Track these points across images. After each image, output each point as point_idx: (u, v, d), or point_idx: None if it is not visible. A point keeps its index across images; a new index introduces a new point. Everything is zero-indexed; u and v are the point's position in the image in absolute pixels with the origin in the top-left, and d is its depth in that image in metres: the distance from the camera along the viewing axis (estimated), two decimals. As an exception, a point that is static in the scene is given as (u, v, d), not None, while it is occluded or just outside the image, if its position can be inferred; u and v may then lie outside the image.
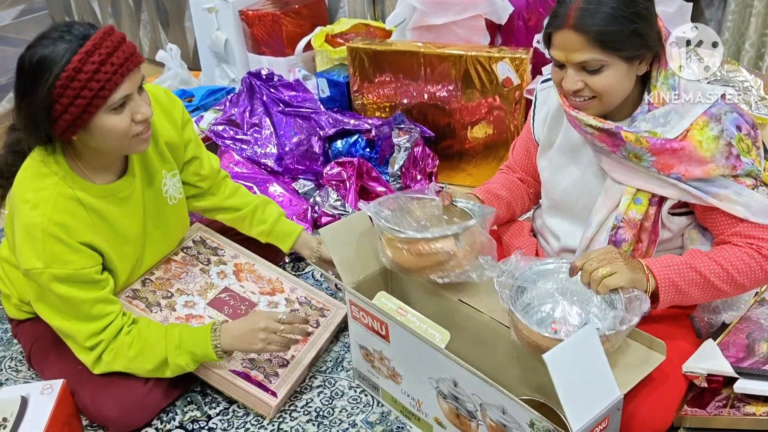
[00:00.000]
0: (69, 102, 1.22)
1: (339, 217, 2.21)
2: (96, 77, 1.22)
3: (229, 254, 1.76)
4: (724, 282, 1.25)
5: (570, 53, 1.22)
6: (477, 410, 1.22)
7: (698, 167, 1.23)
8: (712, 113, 1.24)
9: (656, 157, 1.25)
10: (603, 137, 1.29)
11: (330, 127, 2.44)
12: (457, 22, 2.45)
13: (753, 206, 1.24)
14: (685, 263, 1.26)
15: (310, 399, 1.57)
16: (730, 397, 1.25)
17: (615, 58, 1.20)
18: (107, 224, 1.41)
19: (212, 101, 2.88)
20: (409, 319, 1.29)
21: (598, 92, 1.24)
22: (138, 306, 1.55)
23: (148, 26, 4.12)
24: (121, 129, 1.29)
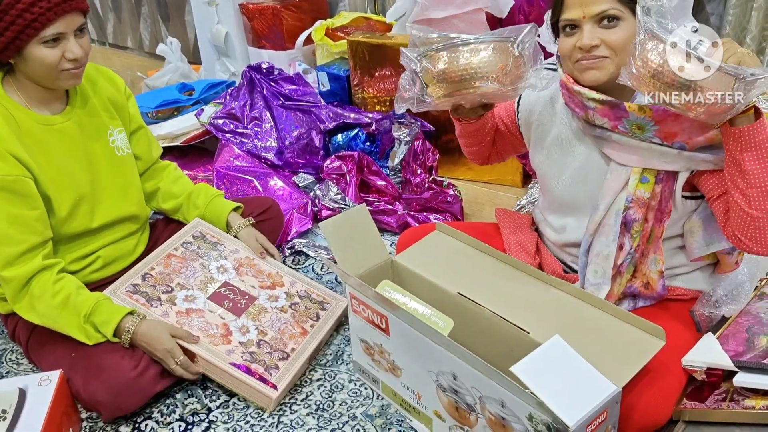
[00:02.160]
0: (4, 27, 1.36)
1: (339, 211, 2.22)
2: (31, 9, 1.36)
3: (229, 249, 1.76)
4: None
5: (587, 6, 1.23)
6: (476, 403, 1.23)
7: (701, 133, 1.23)
8: None
9: (659, 126, 1.24)
10: (605, 110, 1.28)
11: (330, 121, 2.44)
12: (457, 15, 2.44)
13: None
14: None
15: (310, 392, 1.57)
16: (730, 391, 1.25)
17: (629, 13, 1.22)
18: (40, 148, 1.49)
19: (212, 95, 2.87)
20: (412, 307, 1.30)
21: (614, 47, 1.24)
22: (138, 300, 1.55)
23: (148, 20, 4.12)
24: (50, 62, 1.42)
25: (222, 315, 1.60)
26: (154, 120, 2.71)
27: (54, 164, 1.51)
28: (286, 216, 2.13)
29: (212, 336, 1.54)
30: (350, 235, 1.53)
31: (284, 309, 1.67)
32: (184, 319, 1.55)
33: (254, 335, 1.58)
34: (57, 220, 1.53)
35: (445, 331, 1.23)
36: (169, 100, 2.78)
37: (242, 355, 1.52)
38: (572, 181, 1.43)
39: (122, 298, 1.55)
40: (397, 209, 2.22)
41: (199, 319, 1.57)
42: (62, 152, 1.53)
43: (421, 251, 1.56)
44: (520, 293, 1.39)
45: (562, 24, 1.28)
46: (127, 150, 1.69)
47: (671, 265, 1.40)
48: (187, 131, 2.60)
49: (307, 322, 1.66)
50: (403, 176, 2.31)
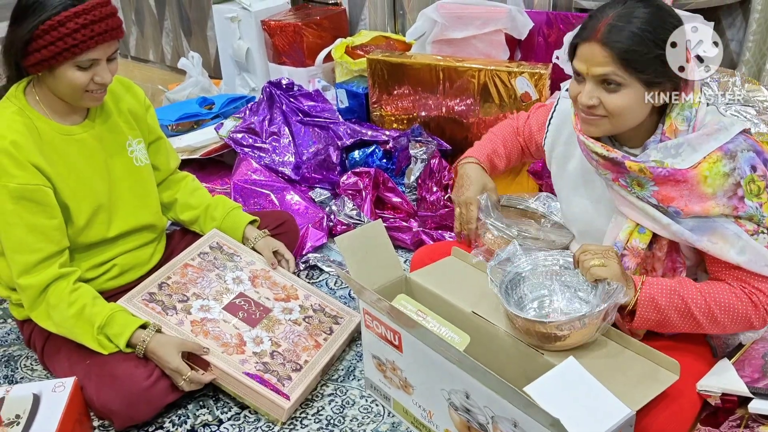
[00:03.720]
0: (44, 45, 1.39)
1: (354, 226, 2.22)
2: (74, 35, 1.39)
3: (245, 260, 1.77)
4: (704, 316, 1.24)
5: (592, 66, 1.21)
6: (488, 423, 1.22)
7: (698, 203, 1.22)
8: (728, 149, 1.21)
9: (659, 187, 1.24)
10: (607, 165, 1.28)
11: (348, 138, 2.45)
12: (477, 36, 2.46)
13: (748, 254, 1.21)
14: (672, 287, 1.24)
15: (321, 407, 1.57)
16: (744, 417, 1.24)
17: (634, 80, 1.20)
18: (60, 157, 1.52)
19: (232, 109, 2.90)
20: (428, 321, 1.29)
21: (611, 112, 1.23)
22: (154, 309, 1.56)
23: (170, 34, 4.18)
24: (79, 84, 1.45)
25: (236, 325, 1.60)
26: (174, 132, 2.74)
27: (73, 174, 1.54)
28: (302, 230, 2.14)
29: (226, 345, 1.54)
30: (365, 251, 1.53)
31: (298, 321, 1.67)
32: (198, 327, 1.56)
33: (268, 346, 1.58)
34: (74, 228, 1.55)
35: (461, 346, 1.23)
36: (189, 114, 2.81)
37: (255, 365, 1.53)
38: (585, 214, 1.44)
39: (138, 306, 1.56)
40: (412, 226, 2.22)
41: (214, 328, 1.57)
42: (81, 162, 1.56)
43: (436, 271, 1.56)
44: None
45: (573, 69, 1.28)
46: (145, 160, 1.71)
47: None
48: (206, 144, 2.63)
49: (321, 335, 1.67)
50: (419, 194, 2.32)
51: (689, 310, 1.24)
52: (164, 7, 4.10)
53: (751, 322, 1.25)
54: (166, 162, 1.82)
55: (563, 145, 1.48)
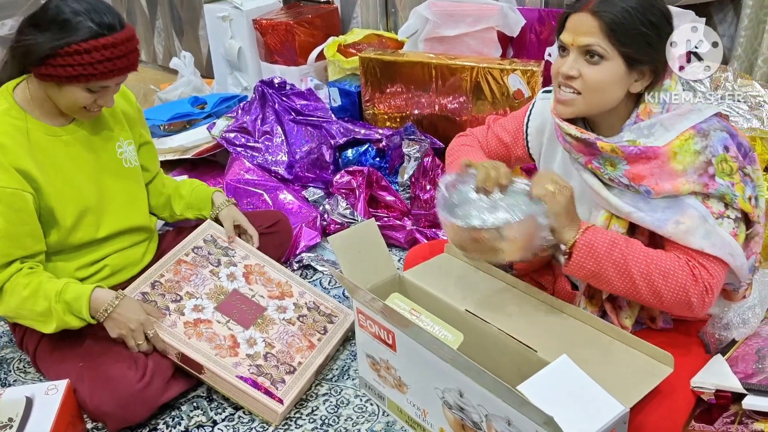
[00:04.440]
0: (63, 65, 1.39)
1: (348, 225, 2.22)
2: (94, 66, 1.40)
3: (240, 255, 1.76)
4: (642, 278, 1.21)
5: (578, 35, 1.23)
6: (482, 421, 1.22)
7: (668, 181, 1.22)
8: (701, 128, 1.22)
9: (630, 166, 1.25)
10: (580, 147, 1.29)
11: (341, 136, 2.45)
12: (469, 33, 2.46)
13: (713, 239, 1.20)
14: (615, 240, 1.23)
15: (316, 407, 1.57)
16: (738, 414, 1.24)
17: (617, 54, 1.21)
18: (47, 157, 1.51)
19: (224, 109, 2.89)
20: (422, 320, 1.29)
21: (588, 86, 1.24)
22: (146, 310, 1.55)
23: (162, 33, 4.16)
24: (83, 103, 1.47)
25: (230, 326, 1.60)
26: (166, 132, 2.73)
27: (60, 175, 1.53)
28: (295, 230, 2.14)
29: (219, 347, 1.54)
30: (358, 250, 1.53)
31: (292, 321, 1.67)
32: (191, 329, 1.55)
33: (261, 348, 1.58)
34: (62, 230, 1.54)
35: (454, 344, 1.23)
36: (181, 113, 2.80)
37: (249, 368, 1.52)
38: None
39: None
40: (406, 225, 2.22)
41: (207, 329, 1.57)
42: (69, 163, 1.55)
43: (429, 269, 1.56)
44: (528, 314, 1.38)
45: (558, 44, 1.29)
46: (135, 162, 1.70)
47: None
48: (198, 144, 2.62)
49: (315, 335, 1.66)
50: (412, 192, 2.32)
51: (627, 267, 1.22)
52: (156, 7, 4.08)
53: (689, 296, 1.20)
54: (155, 164, 1.82)
55: (546, 143, 1.48)
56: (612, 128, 1.30)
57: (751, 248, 1.28)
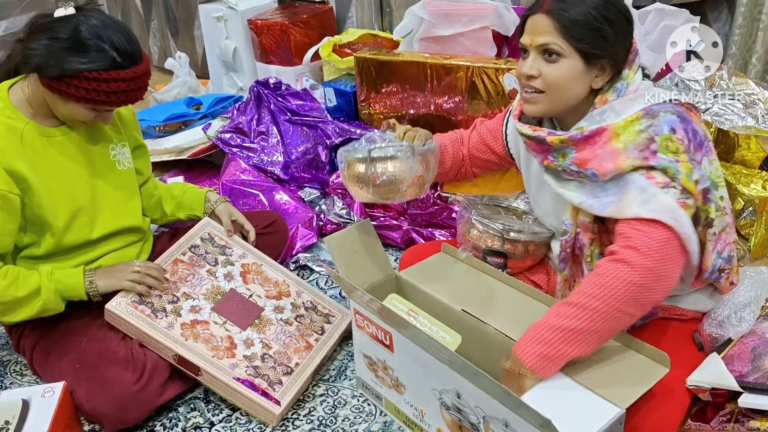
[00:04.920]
0: (76, 85, 1.39)
1: (344, 226, 2.22)
2: (105, 93, 1.41)
3: (237, 254, 1.76)
4: (592, 320, 1.15)
5: (536, 36, 1.25)
6: (480, 422, 1.22)
7: (610, 160, 1.22)
8: (651, 109, 1.23)
9: (577, 152, 1.26)
10: (533, 145, 1.33)
11: (336, 136, 2.45)
12: (464, 33, 2.46)
13: (652, 204, 1.17)
14: (547, 326, 1.18)
15: (313, 407, 1.57)
16: (735, 412, 1.24)
17: (573, 51, 1.23)
18: (40, 158, 1.51)
19: (220, 109, 2.89)
20: (420, 321, 1.29)
21: (548, 84, 1.26)
22: (143, 312, 1.55)
23: (157, 34, 4.15)
24: (82, 118, 1.48)
25: (227, 327, 1.60)
26: (162, 133, 2.73)
27: (54, 176, 1.52)
28: (291, 230, 2.14)
29: (217, 348, 1.54)
30: (354, 250, 1.53)
31: (289, 321, 1.67)
32: (188, 330, 1.55)
33: (258, 349, 1.58)
34: (55, 231, 1.53)
35: (452, 346, 1.23)
36: (176, 114, 2.80)
37: (246, 370, 1.52)
38: (549, 210, 1.46)
39: (127, 310, 1.54)
40: (402, 225, 2.22)
41: (204, 331, 1.56)
42: (62, 164, 1.55)
43: (426, 269, 1.56)
44: (525, 313, 1.38)
45: (520, 47, 1.31)
46: (128, 164, 1.70)
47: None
48: (194, 145, 2.61)
49: (312, 335, 1.66)
50: (409, 192, 2.31)
51: (576, 331, 1.16)
52: (151, 7, 4.07)
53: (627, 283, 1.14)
54: (148, 167, 1.83)
55: (524, 144, 1.49)
56: (573, 123, 1.32)
57: (724, 239, 1.29)
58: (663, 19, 2.24)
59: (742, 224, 2.09)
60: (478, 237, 1.60)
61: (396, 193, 1.39)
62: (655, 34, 2.24)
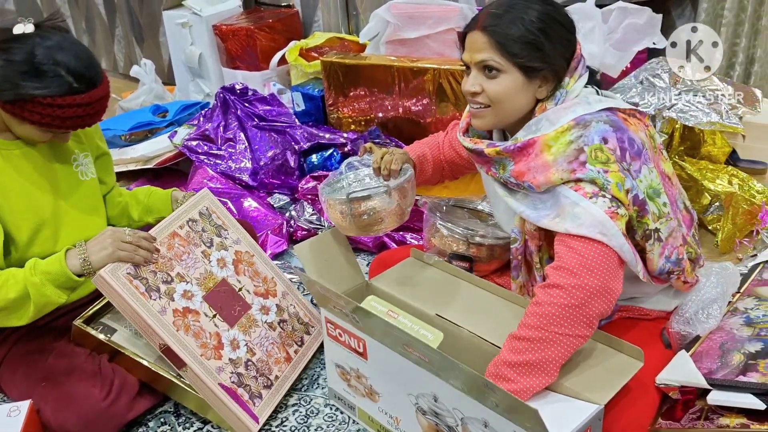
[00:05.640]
0: (30, 109, 1.36)
1: (315, 232, 2.20)
2: (60, 119, 1.38)
3: (232, 238, 1.69)
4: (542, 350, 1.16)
5: (473, 53, 1.26)
6: (458, 425, 1.21)
7: (542, 173, 1.22)
8: (583, 119, 1.22)
9: (515, 165, 1.27)
10: (476, 158, 1.34)
11: (305, 141, 2.43)
12: (430, 36, 2.46)
13: (582, 218, 1.17)
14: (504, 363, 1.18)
15: (285, 418, 1.55)
16: (704, 409, 1.25)
17: (511, 66, 1.23)
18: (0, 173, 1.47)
19: (186, 116, 2.86)
20: (400, 321, 1.28)
21: (492, 99, 1.26)
22: (138, 288, 1.45)
23: (122, 41, 4.10)
24: (39, 139, 1.46)
25: (216, 323, 1.54)
26: (127, 143, 2.69)
27: (15, 190, 1.49)
28: (261, 237, 2.11)
29: (205, 346, 1.49)
30: (325, 258, 1.51)
31: (273, 326, 1.64)
32: (180, 320, 1.49)
33: (243, 353, 1.54)
34: (18, 246, 1.49)
35: (434, 343, 1.22)
36: (142, 123, 2.76)
37: (230, 376, 1.49)
38: (503, 217, 1.46)
39: (122, 281, 1.43)
40: (373, 229, 2.21)
41: (195, 323, 1.51)
42: (23, 177, 1.51)
43: (397, 275, 1.55)
44: (497, 315, 1.39)
45: (462, 63, 1.31)
46: (92, 175, 1.66)
47: (628, 295, 1.40)
48: (160, 153, 2.58)
49: (292, 346, 1.64)
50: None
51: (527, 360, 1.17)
52: (115, 15, 4.02)
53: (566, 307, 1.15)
54: (112, 176, 1.78)
55: None
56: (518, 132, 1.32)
57: (671, 244, 1.30)
58: (626, 17, 2.26)
59: (709, 219, 2.12)
60: (443, 241, 1.61)
61: (379, 226, 1.42)
62: (618, 32, 2.26)
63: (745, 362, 1.26)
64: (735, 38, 2.44)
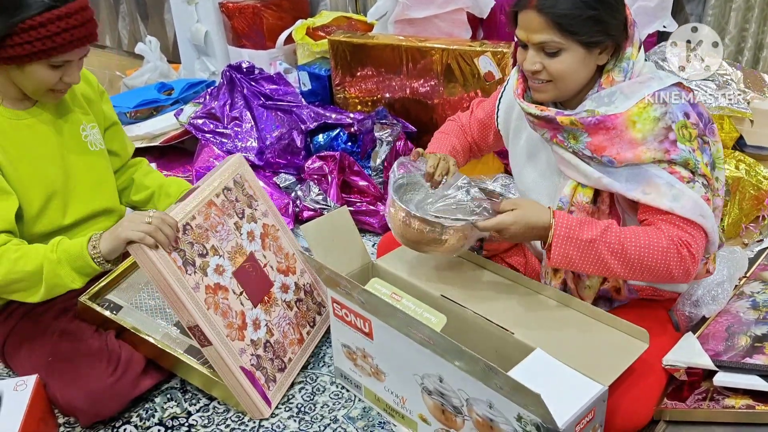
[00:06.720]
0: (20, 43, 1.35)
1: (321, 212, 2.20)
2: (54, 38, 1.36)
3: (261, 210, 1.66)
4: (622, 265, 1.23)
5: (531, 33, 1.23)
6: (463, 405, 1.22)
7: (629, 150, 1.22)
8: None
9: (591, 137, 1.26)
10: (542, 124, 1.31)
11: (311, 121, 2.42)
12: (438, 15, 2.44)
13: (683, 201, 1.21)
14: (590, 243, 1.23)
15: (291, 395, 1.56)
16: (710, 390, 1.26)
17: (572, 43, 1.21)
18: (10, 142, 1.47)
19: (192, 94, 2.85)
20: (404, 303, 1.28)
21: (554, 76, 1.25)
22: (176, 261, 1.41)
23: (127, 18, 4.07)
24: (47, 82, 1.43)
25: (242, 301, 1.52)
26: (133, 120, 2.68)
27: (25, 159, 1.48)
28: (267, 217, 2.11)
29: (231, 326, 1.47)
30: (332, 238, 1.51)
31: (290, 305, 1.63)
32: (211, 297, 1.46)
33: (263, 334, 1.54)
34: (27, 217, 1.49)
35: (437, 326, 1.22)
36: (147, 100, 2.75)
37: (251, 358, 1.49)
38: (535, 185, 1.44)
39: (161, 252, 1.39)
40: (379, 210, 2.21)
41: (223, 301, 1.48)
42: (33, 147, 1.51)
43: (402, 255, 1.55)
44: (503, 296, 1.39)
45: (517, 38, 1.29)
46: (100, 145, 1.66)
47: None
48: (166, 131, 2.57)
49: (306, 326, 1.65)
50: (385, 177, 2.31)
51: (607, 265, 1.23)
52: (119, -9, 4.00)
53: (671, 273, 1.22)
54: (123, 147, 1.77)
55: (515, 120, 1.48)
56: (578, 100, 1.31)
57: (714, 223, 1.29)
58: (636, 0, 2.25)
59: (715, 204, 2.11)
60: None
61: (426, 248, 1.36)
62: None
63: (751, 345, 1.26)
64: (744, 23, 2.42)
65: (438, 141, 1.59)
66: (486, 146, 1.62)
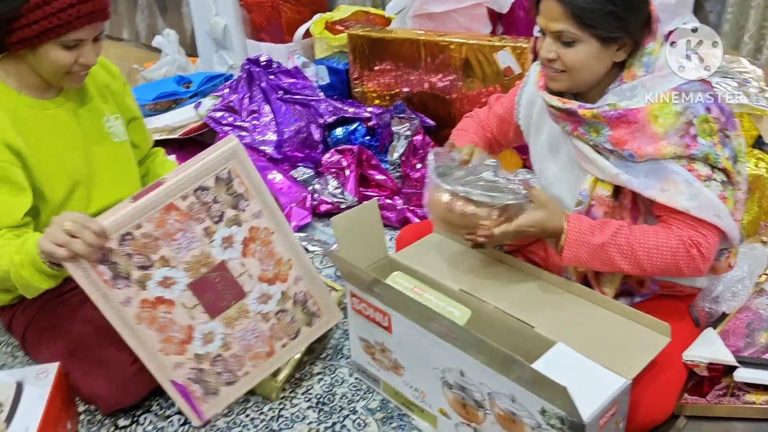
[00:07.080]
0: (27, 23, 1.35)
1: (338, 205, 2.21)
2: (60, 15, 1.34)
3: (251, 211, 1.40)
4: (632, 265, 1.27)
5: (549, 21, 1.24)
6: (485, 399, 1.22)
7: (650, 144, 1.23)
8: (682, 89, 1.23)
9: (613, 131, 1.26)
10: (564, 116, 1.32)
11: (329, 115, 2.43)
12: (458, 10, 2.44)
13: (699, 200, 1.22)
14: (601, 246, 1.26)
15: (310, 386, 1.57)
16: (730, 386, 1.26)
17: (589, 36, 1.22)
18: (33, 132, 1.47)
19: (210, 87, 2.86)
20: (426, 297, 1.29)
21: (567, 67, 1.26)
22: (102, 274, 1.26)
23: (145, 11, 4.09)
24: (63, 63, 1.42)
25: (194, 314, 1.37)
26: (152, 112, 2.70)
27: (49, 149, 1.50)
28: (285, 210, 2.12)
29: (169, 341, 1.36)
30: (359, 230, 1.51)
31: (268, 316, 1.46)
32: (147, 312, 1.32)
33: (215, 348, 1.41)
34: (51, 206, 1.50)
35: (461, 320, 1.22)
36: (166, 93, 2.77)
37: (188, 372, 1.39)
38: (556, 179, 1.45)
39: (82, 265, 1.24)
40: (397, 204, 2.22)
41: (165, 315, 1.34)
42: (56, 137, 1.52)
43: (420, 249, 1.55)
44: (523, 290, 1.39)
45: (537, 24, 1.30)
46: (123, 137, 1.67)
47: None
48: (184, 124, 2.59)
49: (282, 339, 1.49)
50: (403, 171, 2.31)
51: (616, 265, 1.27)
52: (137, -17, 4.02)
53: (681, 271, 1.25)
54: (145, 140, 1.79)
55: (537, 115, 1.48)
56: (598, 94, 1.32)
57: (733, 215, 1.29)
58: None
59: (734, 202, 2.10)
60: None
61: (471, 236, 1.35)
62: (649, 11, 2.23)
63: (772, 342, 1.26)
64: (764, 21, 2.40)
65: (459, 138, 1.59)
66: (505, 142, 1.62)
